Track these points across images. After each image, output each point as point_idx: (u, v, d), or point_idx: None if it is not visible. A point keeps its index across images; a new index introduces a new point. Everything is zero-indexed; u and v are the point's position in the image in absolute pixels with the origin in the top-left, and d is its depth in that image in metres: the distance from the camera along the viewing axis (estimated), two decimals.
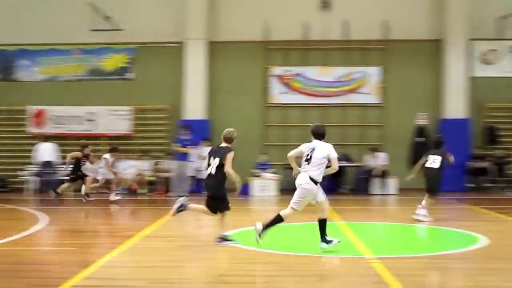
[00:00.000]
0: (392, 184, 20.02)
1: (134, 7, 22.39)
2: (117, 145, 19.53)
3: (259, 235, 9.70)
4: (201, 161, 20.19)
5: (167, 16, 22.20)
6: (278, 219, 9.82)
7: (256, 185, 19.81)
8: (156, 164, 20.82)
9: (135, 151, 21.22)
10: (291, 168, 10.07)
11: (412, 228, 12.59)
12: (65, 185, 17.69)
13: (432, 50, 21.88)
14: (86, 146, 17.84)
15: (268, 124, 22.01)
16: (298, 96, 22.02)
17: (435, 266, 8.77)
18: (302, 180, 9.70)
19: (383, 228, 12.94)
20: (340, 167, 10.28)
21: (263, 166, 20.33)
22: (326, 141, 9.93)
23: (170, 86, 21.99)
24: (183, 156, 19.10)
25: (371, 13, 21.83)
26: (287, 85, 22.00)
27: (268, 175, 20.03)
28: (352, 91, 21.98)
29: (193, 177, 19.47)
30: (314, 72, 21.98)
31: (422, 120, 21.35)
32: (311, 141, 9.97)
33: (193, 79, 21.62)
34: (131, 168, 20.48)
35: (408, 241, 11.27)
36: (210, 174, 10.20)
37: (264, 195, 19.25)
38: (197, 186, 19.89)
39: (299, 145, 10.10)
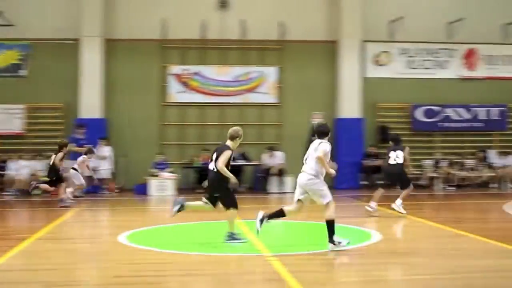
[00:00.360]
0: (289, 182, 20.31)
1: (27, 2, 21.68)
2: (9, 144, 18.85)
3: (336, 242, 9.51)
4: (98, 161, 19.86)
5: (62, 12, 21.62)
6: (330, 224, 9.59)
7: (153, 184, 19.62)
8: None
9: (28, 151, 20.51)
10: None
11: (308, 225, 12.82)
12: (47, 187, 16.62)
13: (327, 51, 22.38)
14: (65, 145, 16.60)
15: (166, 123, 21.85)
16: (196, 95, 21.98)
17: (330, 262, 8.99)
18: (302, 179, 9.79)
19: (281, 226, 13.09)
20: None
21: (161, 166, 20.16)
22: (328, 140, 10.01)
23: (65, 84, 21.42)
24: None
25: (268, 13, 22.09)
26: (185, 84, 21.92)
27: (165, 174, 19.87)
28: (249, 90, 22.16)
29: (90, 177, 19.04)
30: (212, 71, 22.01)
31: (317, 119, 21.77)
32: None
33: (89, 77, 21.14)
34: (24, 168, 19.82)
35: (305, 239, 11.47)
36: (211, 170, 10.27)
37: (161, 195, 19.09)
38: (93, 186, 19.52)
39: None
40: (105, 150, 20.23)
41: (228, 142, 10.44)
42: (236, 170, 20.89)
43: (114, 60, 21.69)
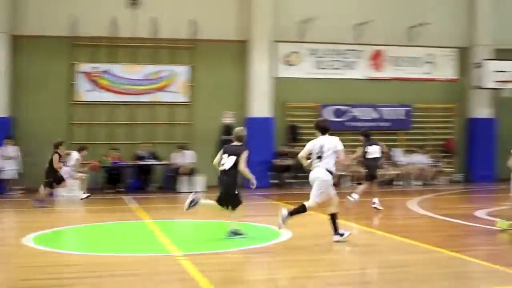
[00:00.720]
0: (200, 181, 20.30)
1: None
2: None
3: (283, 221, 10.09)
4: (4, 161, 19.26)
5: None
6: (302, 209, 10.23)
7: None
8: None
9: None
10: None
11: (218, 224, 12.86)
12: (46, 190, 16.41)
13: (239, 50, 22.47)
14: (60, 144, 16.47)
15: (74, 123, 21.37)
16: (106, 93, 21.59)
17: (239, 261, 9.07)
18: (319, 174, 10.15)
19: (191, 225, 13.10)
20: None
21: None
22: (331, 135, 10.51)
23: None
24: None
25: (179, 12, 21.95)
26: (94, 82, 21.51)
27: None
28: (160, 89, 21.98)
29: None
30: (122, 70, 21.69)
31: (228, 118, 21.88)
32: (316, 138, 10.53)
33: None
34: None
35: (215, 237, 11.49)
36: (224, 171, 10.54)
37: (71, 195, 18.66)
38: None
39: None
40: (11, 150, 19.64)
41: (237, 143, 10.93)
42: (145, 170, 20.91)
43: (21, 57, 21.03)
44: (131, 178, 20.95)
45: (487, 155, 23.58)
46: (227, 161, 10.62)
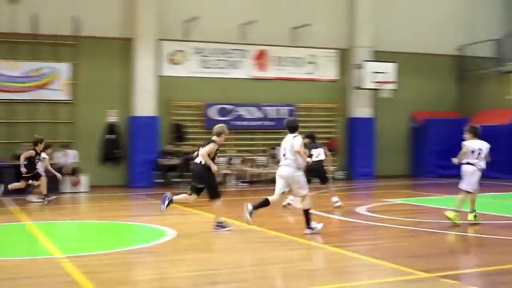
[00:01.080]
0: (83, 181, 19.87)
1: None
2: None
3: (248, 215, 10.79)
4: None
5: None
6: (264, 203, 10.91)
7: None
8: None
9: None
10: None
11: (103, 225, 12.65)
12: (19, 183, 16.59)
13: (123, 48, 22.11)
14: (40, 142, 16.10)
15: None
16: None
17: (125, 261, 8.93)
18: (288, 171, 10.74)
19: (74, 227, 12.81)
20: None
21: None
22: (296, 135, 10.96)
23: None
24: None
25: (61, 8, 21.31)
26: None
27: None
28: (41, 87, 21.28)
29: None
30: (1, 66, 20.84)
31: (112, 117, 21.58)
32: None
33: None
34: None
35: (99, 238, 11.29)
36: (197, 164, 11.02)
37: None
38: None
39: None
40: None
41: (214, 138, 11.14)
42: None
43: None
44: (10, 179, 20.13)
45: (367, 153, 24.47)
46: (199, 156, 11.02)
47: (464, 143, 12.40)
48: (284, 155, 10.88)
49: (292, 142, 10.79)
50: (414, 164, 26.25)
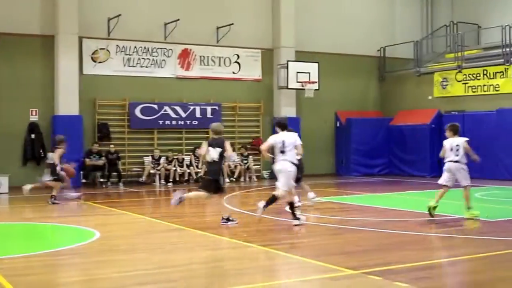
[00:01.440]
0: (3, 182, 19.30)
1: None
2: None
3: (261, 211, 11.85)
4: None
5: None
6: (273, 199, 11.84)
7: None
8: None
9: None
10: None
11: (25, 227, 12.33)
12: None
13: (44, 46, 21.54)
14: (63, 141, 16.08)
15: None
16: None
17: (48, 264, 8.73)
18: (286, 166, 11.74)
19: None
20: None
21: None
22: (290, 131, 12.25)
23: None
24: None
25: None
26: None
27: None
28: None
29: None
30: None
31: (34, 116, 21.06)
32: (276, 134, 12.18)
33: None
34: None
35: (21, 241, 10.99)
36: (213, 161, 11.81)
37: None
38: None
39: None
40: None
41: (217, 136, 12.16)
42: None
43: None
44: None
45: None
46: (214, 153, 11.78)
47: (444, 141, 12.99)
48: (282, 151, 11.84)
49: (294, 139, 12.04)
50: (338, 163, 26.69)
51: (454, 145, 12.67)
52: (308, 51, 25.63)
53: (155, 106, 22.85)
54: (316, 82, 24.60)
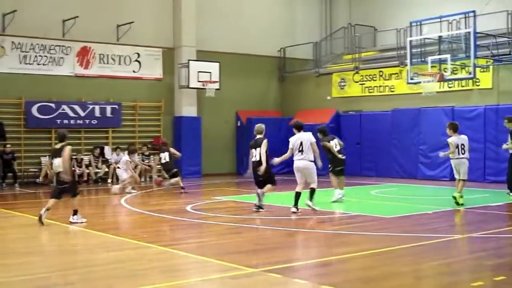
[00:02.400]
0: None
1: None
2: None
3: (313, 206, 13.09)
4: None
5: None
6: (313, 192, 13.12)
7: None
8: None
9: None
10: None
11: None
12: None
13: None
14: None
15: None
16: None
17: None
18: (307, 164, 13.06)
19: None
20: None
21: None
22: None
23: None
24: None
25: None
26: None
27: None
28: None
29: None
30: None
31: None
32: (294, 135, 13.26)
33: None
34: None
35: None
36: (257, 161, 13.57)
37: None
38: None
39: None
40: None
41: (259, 136, 13.68)
42: None
43: None
44: None
45: (194, 152, 24.63)
46: (256, 153, 13.57)
47: (449, 140, 14.04)
48: (301, 150, 12.95)
49: (309, 138, 13.02)
50: (239, 162, 26.87)
51: (460, 143, 13.96)
52: (209, 51, 25.69)
53: (53, 105, 22.27)
54: (217, 81, 24.67)
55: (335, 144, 15.40)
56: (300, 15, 29.03)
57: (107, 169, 22.52)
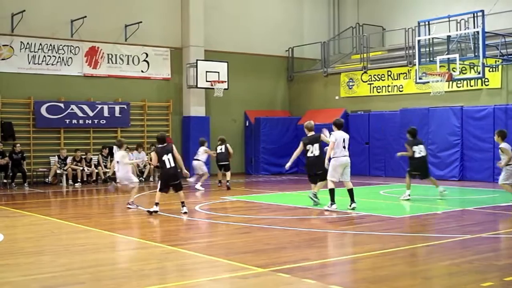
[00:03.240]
0: None
1: None
2: None
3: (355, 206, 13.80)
4: None
5: None
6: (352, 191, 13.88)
7: None
8: None
9: None
10: None
11: None
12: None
13: None
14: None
15: None
16: None
17: None
18: (349, 160, 13.83)
19: None
20: None
21: None
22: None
23: None
24: None
25: None
26: None
27: None
28: None
29: None
30: None
31: None
32: (333, 132, 13.87)
33: None
34: None
35: None
36: (315, 156, 14.34)
37: None
38: None
39: None
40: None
41: (312, 133, 14.48)
42: None
43: None
44: None
45: None
46: (315, 150, 14.31)
47: (503, 146, 14.02)
48: (344, 147, 13.63)
49: (347, 137, 13.90)
50: (248, 162, 26.90)
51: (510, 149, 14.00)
52: (217, 51, 25.72)
53: (62, 105, 22.33)
54: (225, 81, 24.69)
55: (419, 150, 15.87)
56: (308, 15, 29.02)
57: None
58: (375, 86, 24.98)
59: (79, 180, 21.69)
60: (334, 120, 14.21)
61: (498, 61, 20.51)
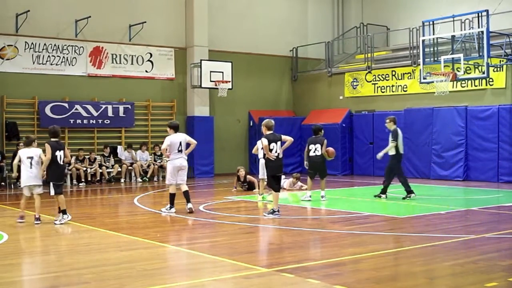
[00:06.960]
0: None
1: None
2: None
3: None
4: None
5: None
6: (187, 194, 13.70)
7: None
8: None
9: None
10: None
11: None
12: None
13: None
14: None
15: None
16: None
17: None
18: (183, 162, 13.83)
19: None
20: None
21: None
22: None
23: None
24: None
25: None
26: None
27: None
28: None
29: None
30: None
31: None
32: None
33: None
34: None
35: None
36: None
37: None
38: None
39: None
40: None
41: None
42: None
43: None
44: None
45: (207, 151, 24.66)
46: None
47: None
48: (180, 150, 13.62)
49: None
50: (252, 162, 26.88)
51: None
52: (221, 51, 25.75)
53: (66, 105, 22.36)
54: (229, 81, 24.69)
55: (314, 149, 15.70)
56: (312, 15, 29.02)
57: (119, 169, 22.59)
58: (379, 86, 24.95)
59: (83, 180, 21.71)
60: (168, 123, 14.27)
61: (502, 60, 20.48)
